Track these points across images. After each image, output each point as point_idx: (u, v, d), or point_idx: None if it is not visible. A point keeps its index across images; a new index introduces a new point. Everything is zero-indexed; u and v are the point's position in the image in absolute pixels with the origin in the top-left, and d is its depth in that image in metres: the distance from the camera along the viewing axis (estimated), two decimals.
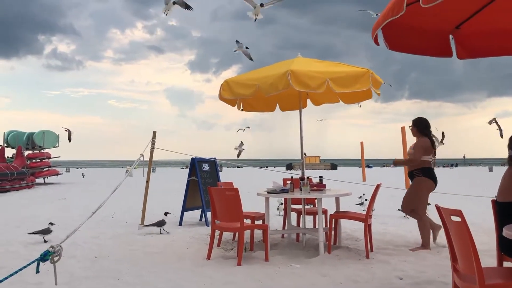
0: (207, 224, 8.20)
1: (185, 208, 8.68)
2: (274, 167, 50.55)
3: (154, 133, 8.32)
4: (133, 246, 6.41)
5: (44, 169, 23.65)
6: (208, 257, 5.57)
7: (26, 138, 23.42)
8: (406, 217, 9.04)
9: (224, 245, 6.35)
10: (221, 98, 6.48)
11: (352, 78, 5.78)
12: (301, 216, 6.67)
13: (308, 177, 6.52)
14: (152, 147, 8.22)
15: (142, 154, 7.63)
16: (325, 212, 6.73)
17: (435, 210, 3.23)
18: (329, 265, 5.17)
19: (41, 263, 3.30)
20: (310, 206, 7.18)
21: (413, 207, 6.09)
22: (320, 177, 6.63)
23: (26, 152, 22.96)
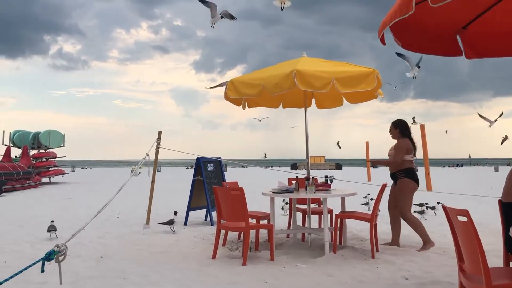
0: (212, 224, 8.20)
1: (190, 208, 8.68)
2: (279, 167, 50.53)
3: (160, 133, 8.33)
4: (139, 246, 6.42)
5: (50, 169, 23.74)
6: (213, 257, 5.57)
7: (32, 138, 23.52)
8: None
9: (229, 245, 6.35)
10: (227, 98, 6.47)
11: (358, 78, 5.75)
12: (306, 216, 6.66)
13: (314, 177, 6.51)
14: (158, 147, 8.23)
15: (148, 154, 7.64)
16: (331, 212, 6.72)
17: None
18: (335, 265, 5.15)
19: (46, 263, 3.31)
20: (315, 206, 7.18)
21: (401, 209, 6.08)
22: (327, 177, 6.62)
23: (32, 152, 23.06)
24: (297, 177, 6.55)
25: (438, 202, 9.06)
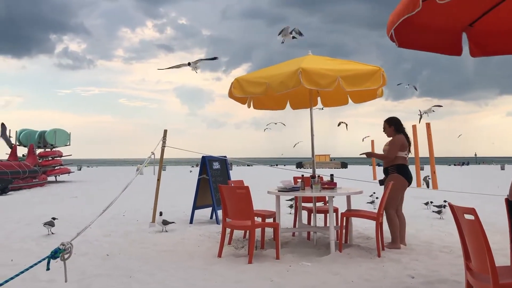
0: (218, 222, 8.21)
1: (196, 206, 8.69)
2: (284, 166, 50.50)
3: (165, 132, 8.34)
4: (144, 244, 6.43)
5: (56, 168, 23.83)
6: (219, 255, 5.58)
7: (38, 137, 23.62)
8: (417, 216, 9.02)
9: (235, 243, 6.35)
10: (232, 96, 6.47)
11: (363, 76, 5.74)
12: (312, 214, 6.65)
13: (319, 175, 6.50)
14: (163, 146, 8.25)
15: (153, 153, 7.65)
16: (336, 211, 6.71)
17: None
18: (341, 264, 5.15)
19: (53, 261, 3.32)
20: (321, 204, 7.17)
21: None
22: (332, 175, 6.61)
23: (38, 151, 23.15)
24: (303, 176, 6.54)
25: (445, 201, 9.02)
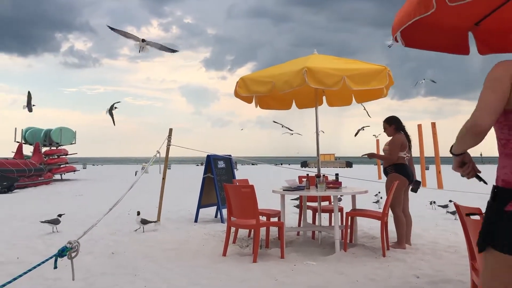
0: (223, 221, 8.22)
1: (201, 205, 8.71)
2: (289, 165, 50.43)
3: (171, 130, 8.35)
4: (150, 243, 6.45)
5: (61, 166, 23.90)
6: (224, 254, 5.59)
7: (44, 135, 23.70)
8: (422, 216, 9.01)
9: (240, 242, 6.36)
10: (237, 95, 6.48)
11: (369, 76, 5.73)
12: (317, 214, 6.65)
13: (324, 175, 6.49)
14: (168, 144, 8.26)
15: (158, 151, 7.68)
16: (341, 210, 6.70)
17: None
18: (345, 263, 5.15)
19: (59, 259, 3.34)
20: (326, 204, 7.16)
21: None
22: (337, 175, 6.60)
23: (44, 149, 23.23)
24: (308, 175, 6.54)
25: (450, 200, 8.99)
